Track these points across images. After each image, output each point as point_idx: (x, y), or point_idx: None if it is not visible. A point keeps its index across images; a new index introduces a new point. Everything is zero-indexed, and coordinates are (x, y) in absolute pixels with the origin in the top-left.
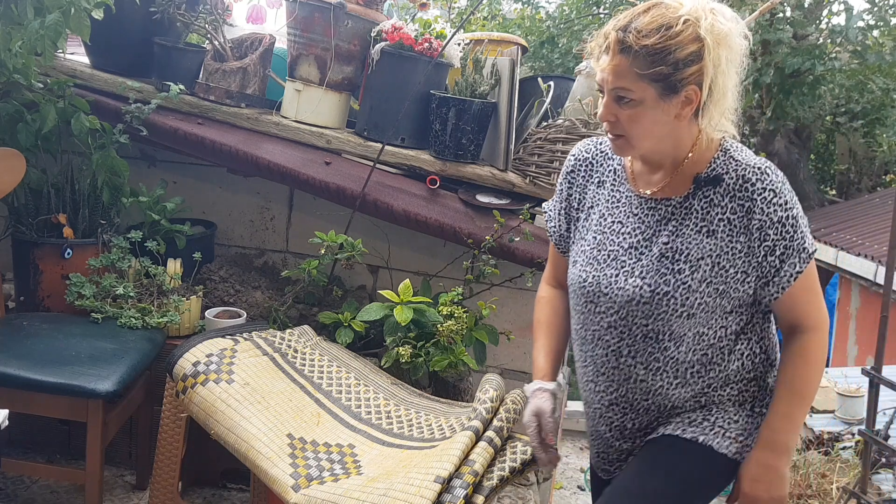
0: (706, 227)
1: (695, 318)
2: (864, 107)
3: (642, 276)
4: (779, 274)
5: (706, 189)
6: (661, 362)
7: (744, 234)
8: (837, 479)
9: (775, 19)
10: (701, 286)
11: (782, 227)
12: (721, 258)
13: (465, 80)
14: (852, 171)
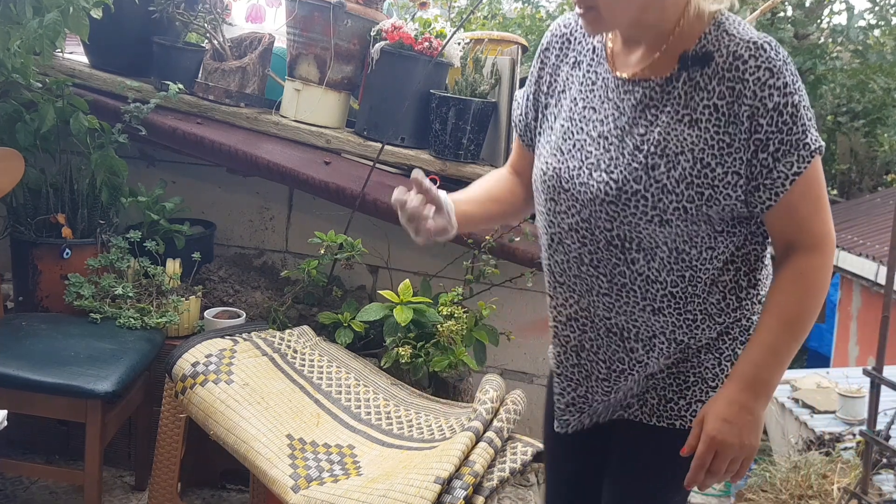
0: (689, 116)
1: (670, 226)
2: (866, 106)
3: (609, 171)
4: (771, 175)
5: (693, 70)
6: (628, 277)
7: (733, 123)
8: (838, 480)
9: (776, 19)
10: (679, 186)
11: (778, 116)
12: (705, 153)
13: (465, 80)
14: (853, 171)
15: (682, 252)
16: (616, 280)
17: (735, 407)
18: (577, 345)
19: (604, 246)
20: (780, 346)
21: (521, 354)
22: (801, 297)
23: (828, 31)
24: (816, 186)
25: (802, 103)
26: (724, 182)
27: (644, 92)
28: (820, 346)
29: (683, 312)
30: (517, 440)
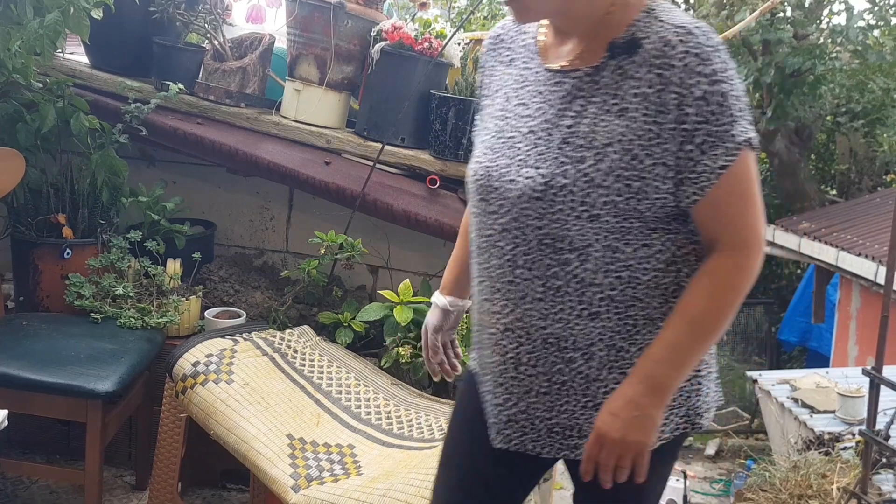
0: (617, 105)
1: (600, 222)
2: (865, 106)
3: (537, 166)
4: (697, 169)
5: (621, 58)
6: (562, 279)
7: (661, 112)
8: (838, 480)
9: (776, 19)
10: (607, 179)
11: (705, 105)
12: (633, 144)
13: (465, 80)
14: (853, 171)
15: (616, 251)
16: (550, 283)
17: (623, 401)
18: (514, 357)
19: (536, 247)
20: (681, 344)
21: None
22: (710, 296)
23: (827, 32)
24: (745, 183)
25: (733, 93)
26: (654, 174)
27: (572, 83)
28: (819, 346)
29: (623, 317)
30: None
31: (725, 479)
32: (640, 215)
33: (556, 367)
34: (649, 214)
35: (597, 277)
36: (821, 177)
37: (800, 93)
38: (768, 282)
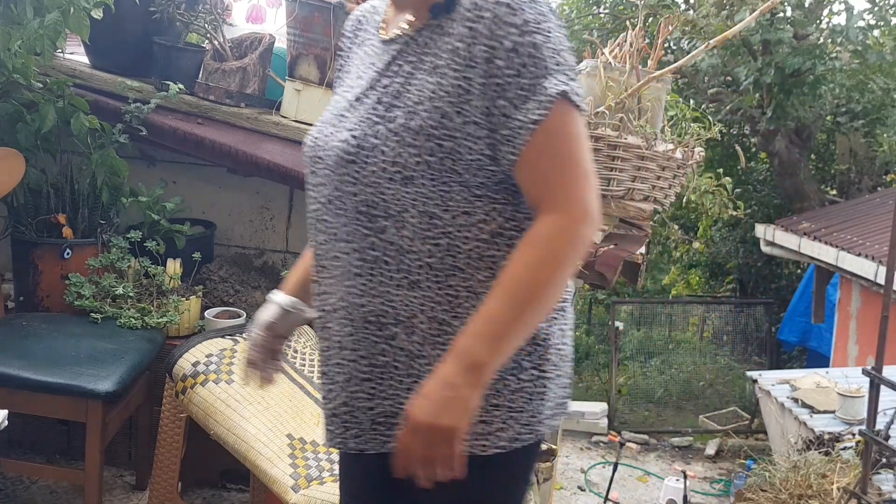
0: (431, 62)
1: (415, 185)
2: (865, 106)
3: (352, 128)
4: (510, 125)
5: (442, 17)
6: (380, 250)
7: (470, 66)
8: (838, 480)
9: (776, 19)
10: (418, 139)
11: (516, 57)
12: (443, 102)
13: None
14: (853, 171)
15: (434, 217)
16: (367, 255)
17: (436, 381)
18: (338, 342)
19: (353, 216)
20: (498, 317)
21: None
22: (527, 265)
23: (827, 32)
24: (563, 140)
25: (548, 45)
26: (465, 133)
27: (397, 48)
28: (819, 345)
29: (444, 287)
30: None
31: (725, 479)
32: (460, 178)
33: (378, 347)
34: (470, 178)
35: (414, 244)
36: (821, 177)
37: (800, 93)
38: (768, 282)
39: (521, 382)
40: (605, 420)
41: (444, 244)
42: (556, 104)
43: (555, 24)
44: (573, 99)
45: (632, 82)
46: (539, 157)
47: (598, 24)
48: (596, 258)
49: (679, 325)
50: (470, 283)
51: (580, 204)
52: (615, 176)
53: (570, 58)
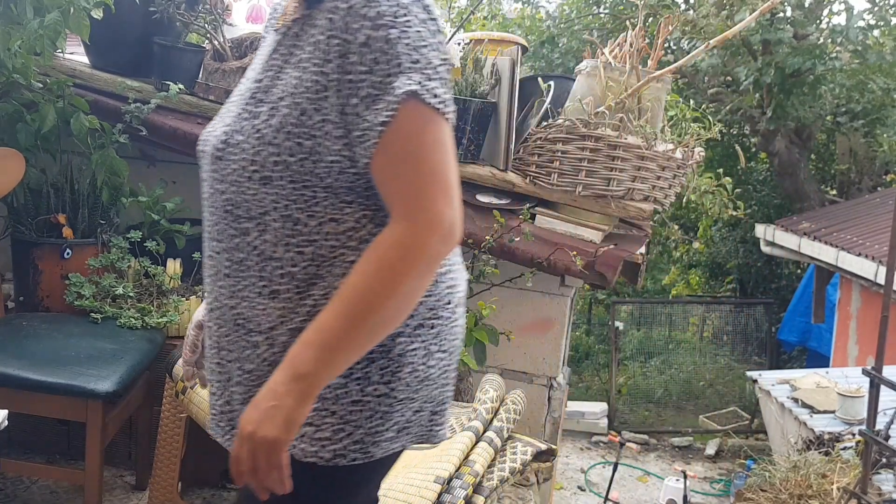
0: (297, 56)
1: (275, 187)
2: (865, 107)
3: (225, 125)
4: (361, 125)
5: (314, 7)
6: (245, 252)
7: (328, 61)
8: (838, 480)
9: (776, 19)
10: (278, 136)
11: (368, 53)
12: (302, 98)
13: (465, 80)
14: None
15: (297, 222)
16: (234, 256)
17: (265, 390)
18: (217, 342)
19: (222, 215)
20: (329, 326)
21: (521, 354)
22: (363, 273)
23: (827, 32)
24: (412, 144)
25: (404, 40)
26: (323, 132)
27: (278, 38)
28: (819, 345)
29: (305, 297)
30: (517, 440)
31: (725, 479)
32: (323, 182)
33: (245, 353)
34: (334, 182)
35: (276, 251)
36: (821, 177)
37: (800, 93)
38: (768, 282)
39: (364, 395)
40: (605, 420)
41: (309, 252)
42: (406, 106)
43: (417, 18)
44: (427, 100)
45: (632, 82)
46: (388, 162)
47: (598, 24)
48: (596, 258)
49: (679, 325)
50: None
51: (427, 214)
52: (615, 176)
53: (433, 55)
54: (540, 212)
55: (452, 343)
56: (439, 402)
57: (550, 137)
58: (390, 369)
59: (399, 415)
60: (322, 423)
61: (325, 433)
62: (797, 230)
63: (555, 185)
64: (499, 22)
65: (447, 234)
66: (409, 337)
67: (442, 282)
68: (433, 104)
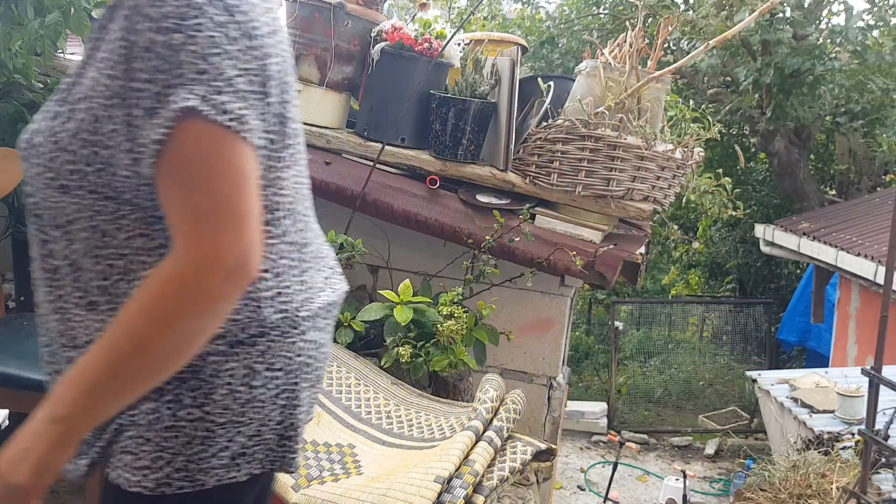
0: (99, 54)
1: (74, 196)
2: (864, 107)
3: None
4: (141, 141)
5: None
6: (59, 260)
7: (116, 64)
8: (837, 479)
9: (775, 19)
10: (73, 143)
11: (150, 59)
12: (95, 103)
13: (465, 80)
14: (852, 171)
15: (106, 234)
16: (48, 264)
17: (26, 427)
18: (48, 354)
19: (33, 221)
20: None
21: (521, 354)
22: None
23: (826, 32)
24: (195, 166)
25: (189, 47)
26: (115, 143)
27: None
28: (819, 345)
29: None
30: (517, 439)
31: (725, 478)
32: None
33: (66, 367)
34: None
35: (86, 262)
36: (820, 177)
37: (799, 93)
38: (768, 282)
39: (177, 420)
40: (605, 420)
41: (121, 266)
42: (185, 123)
43: (213, 21)
44: (212, 117)
45: (631, 83)
46: (167, 185)
47: (598, 25)
48: (596, 258)
49: (679, 324)
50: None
51: (206, 247)
52: (615, 176)
53: (227, 64)
54: (540, 212)
55: (292, 360)
56: (287, 425)
57: (550, 137)
58: (202, 391)
59: (225, 440)
60: (139, 450)
61: (144, 461)
62: (797, 230)
63: (554, 185)
64: (499, 22)
65: (232, 270)
66: (223, 356)
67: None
68: (221, 122)
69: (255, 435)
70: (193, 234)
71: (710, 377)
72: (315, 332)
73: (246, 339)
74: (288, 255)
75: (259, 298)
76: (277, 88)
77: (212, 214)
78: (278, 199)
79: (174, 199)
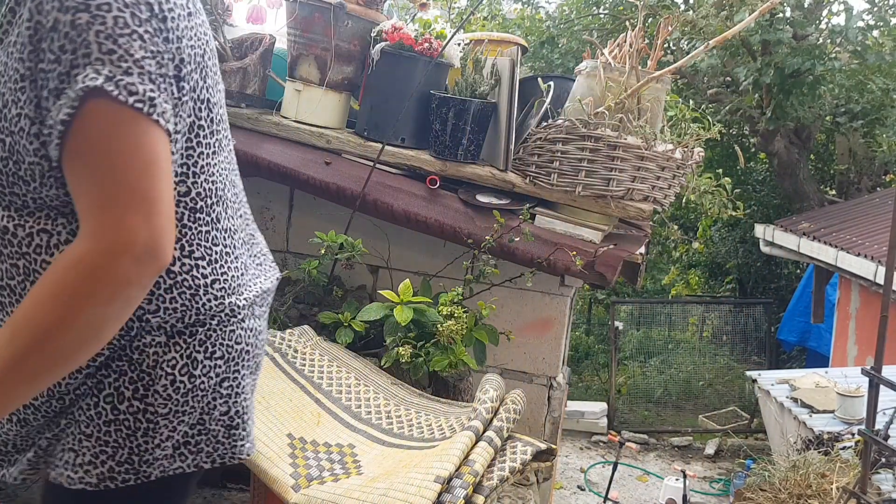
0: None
1: None
2: (864, 107)
3: None
4: (48, 123)
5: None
6: None
7: (24, 47)
8: (837, 479)
9: (775, 19)
10: None
11: (56, 39)
12: (6, 89)
13: (465, 80)
14: (852, 171)
15: (6, 232)
16: None
17: None
18: None
19: None
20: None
21: (521, 354)
22: (40, 298)
23: (826, 32)
24: (103, 148)
25: (96, 27)
26: (18, 129)
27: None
28: (819, 345)
29: None
30: (517, 439)
31: (725, 478)
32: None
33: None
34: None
35: (4, 262)
36: (820, 177)
37: (799, 93)
38: (768, 282)
39: (119, 413)
40: (605, 420)
41: (23, 267)
42: (91, 103)
43: (120, 3)
44: (120, 97)
45: (631, 83)
46: (74, 168)
47: (598, 25)
48: (596, 258)
49: (678, 324)
50: None
51: (114, 231)
52: (615, 176)
53: (137, 45)
54: (540, 212)
55: (231, 348)
56: (232, 414)
57: (550, 137)
58: (143, 383)
59: (168, 430)
60: (80, 447)
61: (86, 457)
62: (796, 230)
63: (554, 185)
64: (499, 22)
65: (142, 254)
66: (163, 347)
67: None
68: (130, 102)
69: (197, 424)
70: (101, 218)
71: (709, 377)
72: (253, 320)
73: (185, 328)
74: (221, 242)
75: (196, 286)
76: (196, 73)
77: (121, 198)
78: (209, 186)
79: (81, 182)
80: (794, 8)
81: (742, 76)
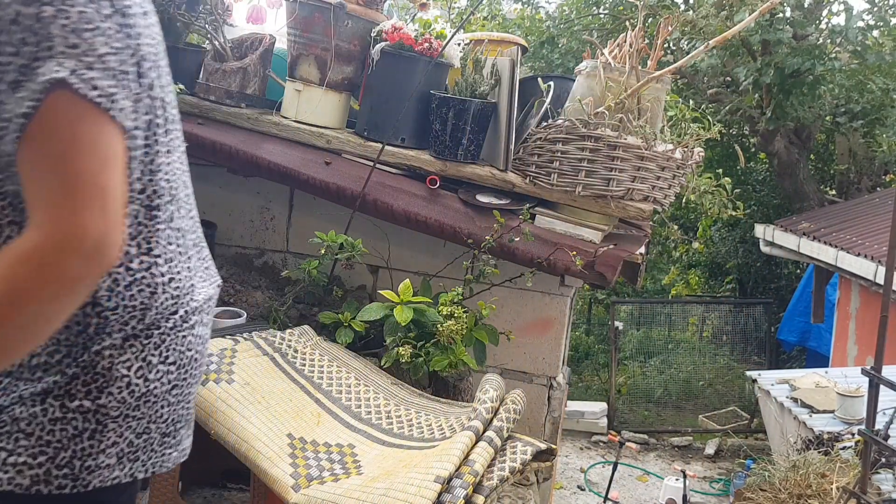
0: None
1: None
2: (864, 107)
3: None
4: (4, 116)
5: None
6: None
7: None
8: (837, 479)
9: (775, 19)
10: None
11: (17, 31)
12: None
13: (465, 81)
14: (852, 171)
15: None
16: None
17: None
18: None
19: None
20: None
21: (521, 354)
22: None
23: (826, 32)
24: (61, 142)
25: (60, 20)
26: None
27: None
28: (819, 345)
29: None
30: (517, 439)
31: (725, 478)
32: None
33: None
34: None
35: None
36: (820, 177)
37: (799, 93)
38: (768, 282)
39: (66, 412)
40: (605, 420)
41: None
42: (53, 97)
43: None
44: (81, 92)
45: (631, 83)
46: (29, 161)
47: (598, 25)
48: (596, 258)
49: (678, 324)
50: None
51: (64, 227)
52: (615, 176)
53: (100, 41)
54: (540, 212)
55: (183, 354)
56: (170, 421)
57: (550, 137)
58: (97, 385)
59: (115, 435)
60: (16, 446)
61: (21, 457)
62: (797, 230)
63: (554, 185)
64: (499, 22)
65: (91, 251)
66: (119, 350)
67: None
68: (91, 97)
69: (143, 432)
70: (53, 212)
71: (710, 377)
72: (201, 328)
73: (140, 331)
74: (175, 241)
75: (155, 284)
76: (153, 71)
77: (73, 193)
78: (164, 185)
79: (35, 174)
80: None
81: (742, 76)
